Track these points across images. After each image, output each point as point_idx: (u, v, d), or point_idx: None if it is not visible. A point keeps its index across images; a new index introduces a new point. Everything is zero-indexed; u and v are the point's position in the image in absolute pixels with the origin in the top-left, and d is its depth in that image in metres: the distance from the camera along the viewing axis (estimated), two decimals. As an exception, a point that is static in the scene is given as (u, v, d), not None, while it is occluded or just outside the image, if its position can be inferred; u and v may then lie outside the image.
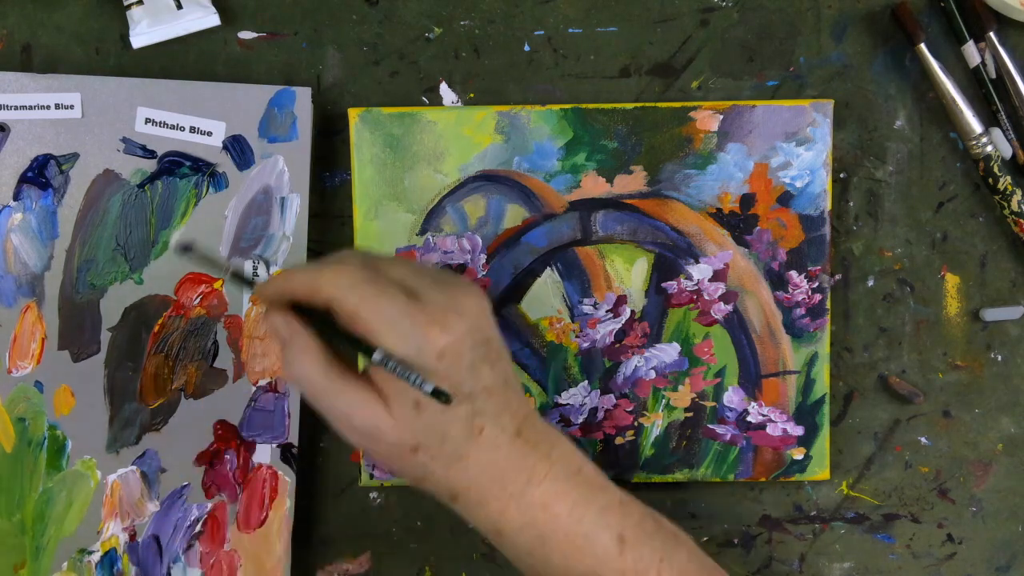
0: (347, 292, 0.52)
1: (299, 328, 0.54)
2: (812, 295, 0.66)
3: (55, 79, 0.64)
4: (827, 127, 0.65)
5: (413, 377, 0.51)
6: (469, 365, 0.53)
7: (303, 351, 0.53)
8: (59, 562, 0.65)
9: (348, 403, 0.53)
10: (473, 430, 0.54)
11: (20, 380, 0.65)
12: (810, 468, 0.67)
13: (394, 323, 0.52)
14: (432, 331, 0.52)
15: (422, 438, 0.53)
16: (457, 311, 0.53)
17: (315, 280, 0.53)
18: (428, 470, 0.55)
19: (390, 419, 0.53)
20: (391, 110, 0.65)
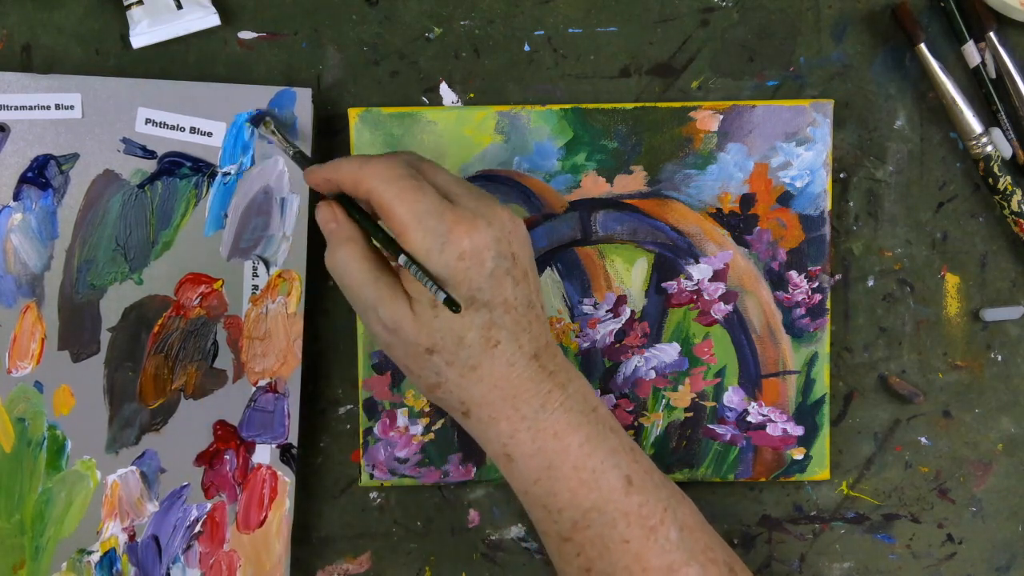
0: (385, 185, 0.54)
1: (344, 219, 0.57)
2: (812, 295, 0.66)
3: (55, 79, 0.64)
4: (827, 127, 0.65)
5: (429, 283, 0.53)
6: (490, 273, 0.54)
7: (346, 239, 0.56)
8: (58, 562, 0.65)
9: (378, 295, 0.55)
10: (489, 341, 0.55)
11: (20, 380, 0.65)
12: (810, 468, 0.67)
13: (422, 219, 0.54)
14: (457, 230, 0.54)
15: (439, 339, 0.55)
16: (487, 219, 0.55)
17: (360, 170, 0.55)
18: (443, 375, 0.56)
19: (411, 315, 0.55)
20: (391, 110, 0.65)
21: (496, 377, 0.56)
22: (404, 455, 0.67)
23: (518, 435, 0.56)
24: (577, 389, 0.57)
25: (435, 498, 0.68)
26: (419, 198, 0.54)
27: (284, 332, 0.65)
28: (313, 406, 0.67)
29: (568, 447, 0.56)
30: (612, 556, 0.56)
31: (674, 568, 0.56)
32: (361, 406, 0.66)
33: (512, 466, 0.57)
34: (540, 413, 0.56)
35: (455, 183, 0.57)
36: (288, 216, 0.65)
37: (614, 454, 0.57)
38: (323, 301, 0.67)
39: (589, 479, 0.56)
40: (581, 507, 0.56)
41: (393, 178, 0.54)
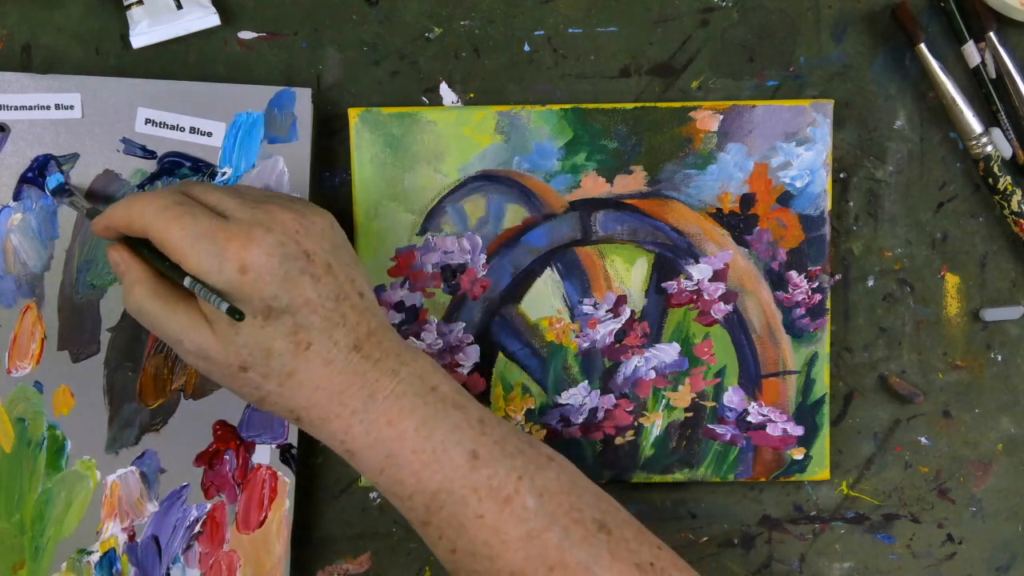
0: (155, 217, 0.55)
1: (130, 260, 0.58)
2: (812, 295, 0.66)
3: (55, 79, 0.64)
4: (827, 127, 0.65)
5: (212, 297, 0.53)
6: (283, 278, 0.54)
7: (135, 281, 0.57)
8: (58, 562, 0.65)
9: (178, 327, 0.56)
10: (299, 345, 0.55)
11: (20, 380, 0.65)
12: (810, 468, 0.67)
13: (196, 242, 0.54)
14: (232, 246, 0.54)
15: (247, 355, 0.55)
16: (264, 226, 0.55)
17: (128, 209, 0.56)
18: (263, 389, 0.56)
19: (214, 339, 0.55)
20: (391, 110, 0.65)
21: (316, 378, 0.55)
22: (404, 455, 0.67)
23: (352, 430, 0.56)
24: (411, 372, 0.57)
25: (435, 498, 0.68)
26: (188, 222, 0.54)
27: (284, 332, 0.65)
28: (313, 406, 0.67)
29: (404, 433, 0.56)
30: (470, 533, 0.56)
31: (533, 535, 0.55)
32: (361, 406, 0.66)
33: (355, 460, 0.57)
34: (369, 404, 0.56)
35: (229, 197, 0.57)
36: (288, 216, 0.65)
37: (455, 431, 0.56)
38: (323, 301, 0.67)
39: (431, 460, 0.55)
40: (428, 490, 0.56)
41: (160, 208, 0.55)
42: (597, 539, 0.56)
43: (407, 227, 0.65)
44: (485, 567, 0.56)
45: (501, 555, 0.55)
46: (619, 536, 0.56)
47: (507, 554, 0.55)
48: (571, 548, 0.55)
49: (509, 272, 0.66)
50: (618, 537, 0.56)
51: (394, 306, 0.66)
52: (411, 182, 0.65)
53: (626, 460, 0.67)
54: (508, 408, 0.66)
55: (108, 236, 0.59)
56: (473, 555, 0.56)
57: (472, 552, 0.56)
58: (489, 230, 0.66)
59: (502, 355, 0.66)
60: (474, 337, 0.66)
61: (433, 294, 0.66)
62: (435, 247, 0.66)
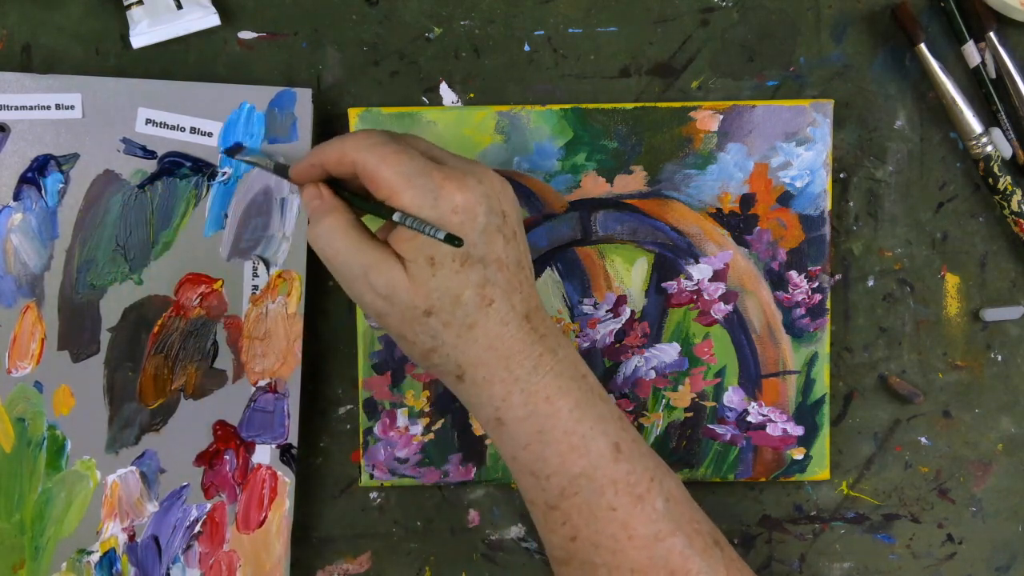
0: (369, 152, 0.55)
1: (329, 194, 0.57)
2: (812, 295, 0.66)
3: (55, 79, 0.64)
4: (827, 127, 0.65)
5: (428, 227, 0.53)
6: (483, 229, 0.55)
7: (328, 212, 0.56)
8: (58, 562, 0.65)
9: (368, 260, 0.55)
10: (484, 299, 0.55)
11: (20, 380, 0.65)
12: (810, 468, 0.67)
13: (412, 178, 0.54)
14: (448, 186, 0.54)
15: (436, 300, 0.55)
16: (476, 176, 0.55)
17: (341, 145, 0.56)
18: (439, 338, 0.55)
19: (406, 278, 0.55)
20: (391, 110, 0.65)
21: (491, 337, 0.55)
22: (404, 455, 0.67)
23: (511, 398, 0.56)
24: (567, 355, 0.57)
25: (435, 498, 0.68)
26: (404, 160, 0.54)
27: (284, 332, 0.65)
28: (313, 406, 0.67)
29: (559, 411, 0.56)
30: (599, 524, 0.56)
31: (660, 537, 0.56)
32: (361, 406, 0.66)
33: (503, 430, 0.57)
34: (532, 375, 0.56)
35: (439, 148, 0.58)
36: (288, 216, 0.65)
37: (603, 421, 0.56)
38: (323, 301, 0.67)
39: (579, 444, 0.56)
40: (570, 473, 0.56)
41: (376, 144, 0.55)
42: (714, 553, 0.57)
43: (407, 227, 0.65)
44: (605, 559, 0.56)
45: (625, 551, 0.56)
46: (730, 554, 0.58)
47: (631, 551, 0.56)
48: (693, 556, 0.56)
49: (509, 272, 0.66)
50: (729, 555, 0.58)
51: (394, 306, 0.66)
52: (411, 182, 0.65)
53: (626, 460, 0.67)
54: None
55: (309, 177, 0.58)
56: (596, 546, 0.56)
57: (595, 543, 0.56)
58: (489, 230, 0.66)
59: (502, 355, 0.66)
60: (474, 337, 0.66)
61: (433, 294, 0.66)
62: (435, 247, 0.66)
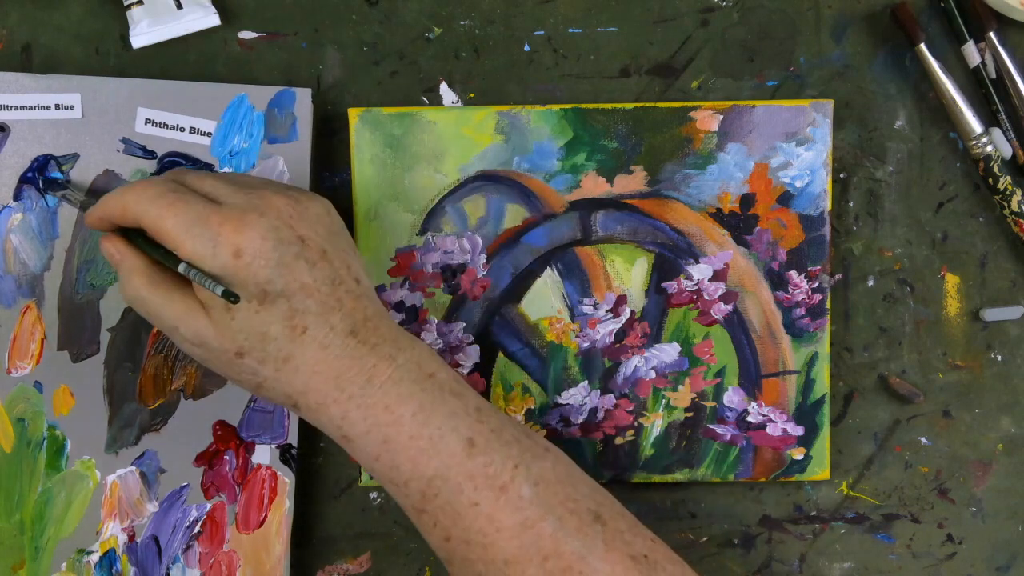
0: (148, 205, 0.55)
1: (125, 250, 0.58)
2: (812, 295, 0.66)
3: (55, 79, 0.64)
4: (827, 127, 0.65)
5: (207, 282, 0.53)
6: (277, 262, 0.54)
7: (131, 271, 0.57)
8: (58, 562, 0.65)
9: (174, 314, 0.56)
10: (295, 329, 0.55)
11: (19, 380, 0.65)
12: (810, 468, 0.67)
13: (189, 227, 0.54)
14: (225, 230, 0.54)
15: (243, 341, 0.55)
16: (258, 211, 0.55)
17: (121, 199, 0.56)
18: (260, 375, 0.56)
19: (210, 325, 0.55)
20: (391, 110, 0.65)
21: (312, 363, 0.55)
22: (404, 455, 0.67)
23: (349, 415, 0.56)
24: (409, 358, 0.57)
25: (435, 498, 0.68)
26: (181, 208, 0.55)
27: (284, 332, 0.65)
28: (313, 406, 0.67)
29: (401, 418, 0.55)
30: (465, 521, 0.56)
31: (528, 524, 0.55)
32: (361, 406, 0.66)
33: (351, 446, 0.57)
34: (367, 389, 0.56)
35: (223, 184, 0.57)
36: (288, 216, 0.65)
37: (452, 417, 0.56)
38: (323, 301, 0.67)
39: (427, 447, 0.55)
40: (424, 476, 0.56)
41: (153, 196, 0.55)
42: (592, 530, 0.56)
43: (407, 227, 0.65)
44: (479, 555, 0.56)
45: (495, 543, 0.55)
46: (614, 528, 0.57)
47: (501, 542, 0.55)
48: (566, 538, 0.55)
49: (509, 272, 0.66)
50: (613, 528, 0.56)
51: (394, 306, 0.66)
52: (411, 182, 0.65)
53: (626, 460, 0.67)
54: (508, 408, 0.66)
55: (103, 227, 0.59)
56: (467, 543, 0.56)
57: (466, 540, 0.56)
58: (489, 230, 0.66)
59: (502, 355, 0.66)
60: (474, 337, 0.66)
61: (433, 294, 0.66)
62: (435, 247, 0.66)
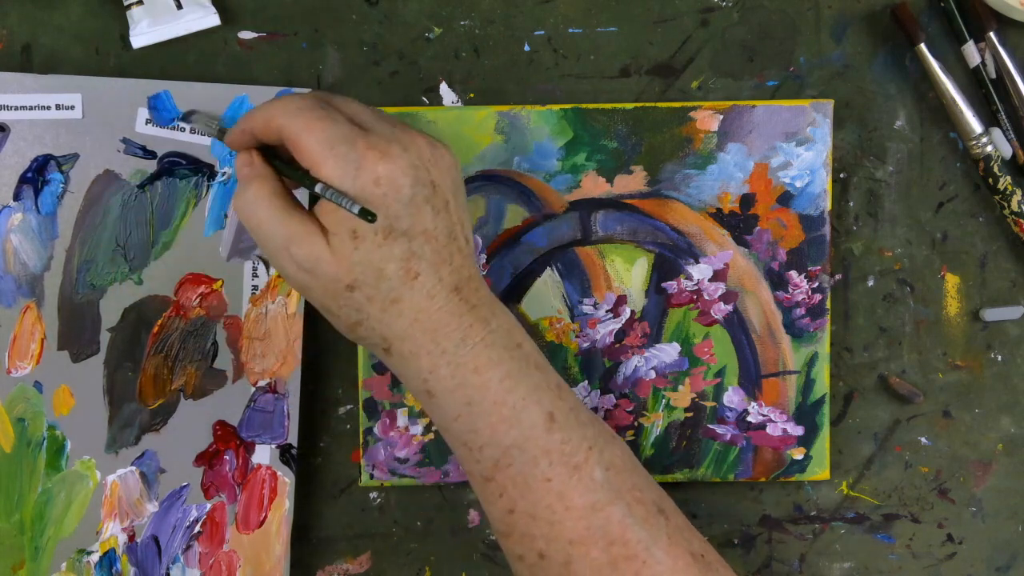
0: (292, 118, 0.53)
1: (257, 162, 0.56)
2: (812, 295, 0.66)
3: (55, 79, 0.64)
4: (827, 127, 0.65)
5: (345, 200, 0.52)
6: (408, 200, 0.53)
7: (254, 179, 0.55)
8: (58, 562, 0.65)
9: (290, 231, 0.54)
10: (409, 272, 0.54)
11: (19, 380, 0.65)
12: (810, 468, 0.67)
13: (333, 146, 0.53)
14: (371, 155, 0.53)
15: (358, 274, 0.54)
16: (402, 145, 0.54)
17: (268, 110, 0.55)
18: (363, 312, 0.55)
19: (328, 251, 0.54)
20: (391, 110, 0.65)
21: (417, 310, 0.54)
22: (404, 455, 0.67)
23: (438, 370, 0.55)
24: (501, 324, 0.56)
25: (435, 498, 0.68)
26: (327, 126, 0.53)
27: (284, 332, 0.65)
28: (313, 406, 0.67)
29: (488, 382, 0.55)
30: (534, 495, 0.55)
31: (598, 507, 0.55)
32: (361, 406, 0.66)
33: (433, 402, 0.56)
34: (460, 347, 0.55)
35: (369, 112, 0.56)
36: (288, 216, 0.65)
37: (536, 390, 0.56)
38: (323, 301, 0.67)
39: (509, 415, 0.55)
40: (502, 444, 0.55)
41: (300, 109, 0.54)
42: (657, 521, 0.56)
43: (407, 227, 0.65)
44: (543, 531, 0.55)
45: (562, 522, 0.55)
46: (675, 523, 0.57)
47: (568, 522, 0.55)
48: (633, 526, 0.55)
49: (509, 272, 0.66)
50: (674, 523, 0.57)
51: (394, 306, 0.66)
52: (411, 182, 0.65)
53: (626, 460, 0.67)
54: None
55: (242, 143, 0.57)
56: (533, 517, 0.55)
57: (532, 515, 0.55)
58: (489, 230, 0.66)
59: (502, 355, 0.66)
60: (474, 337, 0.66)
61: (433, 294, 0.66)
62: (435, 247, 0.66)
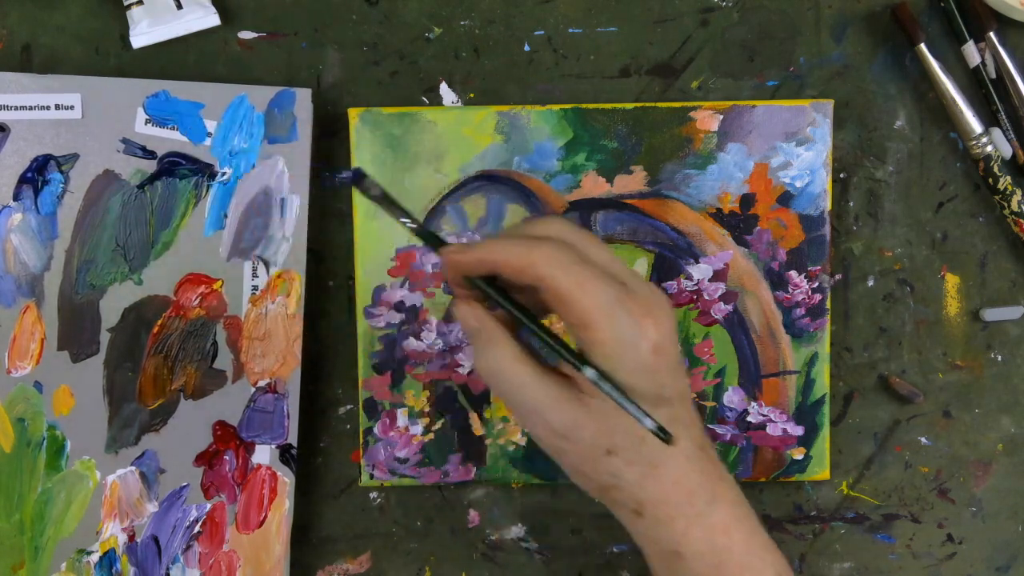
0: (562, 272, 0.49)
1: (487, 317, 0.52)
2: (812, 295, 0.66)
3: (55, 79, 0.64)
4: (827, 127, 0.65)
5: (633, 408, 0.48)
6: (673, 365, 0.51)
7: (495, 343, 0.51)
8: (58, 562, 0.65)
9: (545, 398, 0.50)
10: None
11: (19, 380, 0.65)
12: (810, 468, 0.67)
13: (610, 311, 0.49)
14: (646, 323, 0.49)
15: (619, 439, 0.50)
16: (660, 304, 0.51)
17: (527, 256, 0.49)
18: (620, 477, 0.51)
19: (587, 416, 0.50)
20: (391, 110, 0.65)
21: (676, 475, 0.51)
22: (404, 455, 0.67)
23: (691, 532, 0.52)
24: (730, 476, 0.54)
25: (435, 498, 0.68)
26: (601, 288, 0.49)
27: (284, 332, 0.65)
28: (313, 406, 0.67)
29: (733, 544, 0.52)
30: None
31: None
32: (361, 406, 0.66)
33: (680, 564, 0.52)
34: (711, 507, 0.52)
35: (616, 262, 0.52)
36: (288, 217, 0.65)
37: (766, 550, 0.53)
38: (323, 301, 0.67)
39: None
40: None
41: (567, 263, 0.49)
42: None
43: (407, 227, 0.65)
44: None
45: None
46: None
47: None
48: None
49: (509, 272, 0.66)
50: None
51: (394, 306, 0.66)
52: (411, 182, 0.65)
53: (626, 460, 0.67)
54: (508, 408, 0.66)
55: (469, 270, 0.52)
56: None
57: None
58: (489, 230, 0.66)
59: (502, 355, 0.66)
60: (474, 337, 0.66)
61: (433, 294, 0.66)
62: (435, 247, 0.66)
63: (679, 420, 0.51)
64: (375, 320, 0.66)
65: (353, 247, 0.66)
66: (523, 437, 0.67)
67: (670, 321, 0.50)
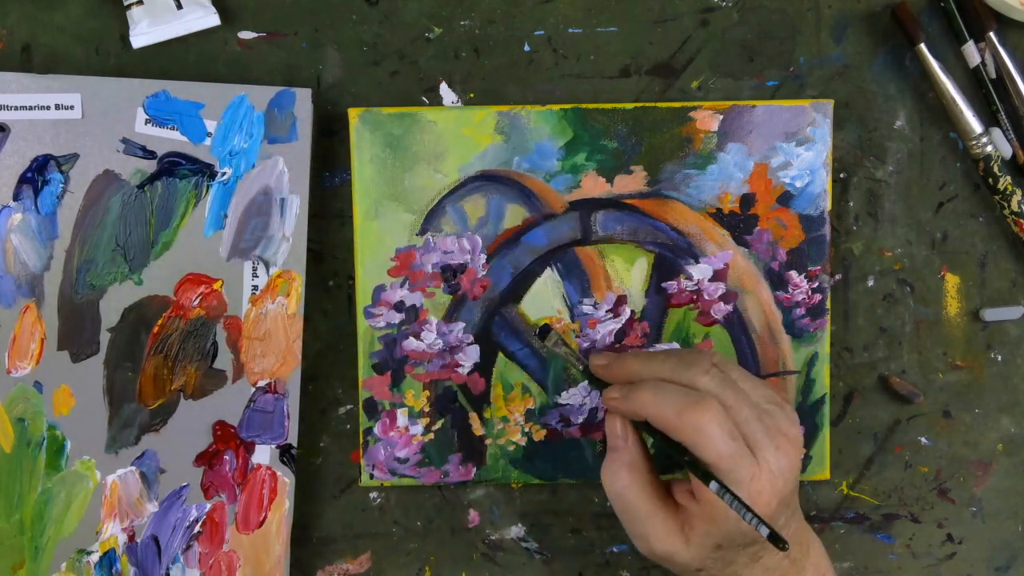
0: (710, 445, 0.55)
1: (634, 442, 0.59)
2: (812, 295, 0.66)
3: (55, 79, 0.64)
4: (827, 127, 0.65)
5: (749, 516, 0.53)
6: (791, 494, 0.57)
7: (630, 465, 0.59)
8: (58, 562, 0.65)
9: (654, 530, 0.57)
10: (755, 557, 0.57)
11: (19, 380, 0.65)
12: (810, 468, 0.67)
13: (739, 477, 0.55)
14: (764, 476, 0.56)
15: (709, 563, 0.57)
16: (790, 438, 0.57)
17: (677, 419, 0.56)
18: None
19: (685, 548, 0.57)
20: (391, 110, 0.65)
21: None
22: (404, 455, 0.67)
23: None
24: (810, 563, 0.59)
25: (435, 498, 0.68)
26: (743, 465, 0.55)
27: (284, 332, 0.65)
28: (313, 406, 0.67)
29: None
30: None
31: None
32: (361, 406, 0.66)
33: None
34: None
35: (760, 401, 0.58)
36: (288, 217, 0.65)
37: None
38: (323, 301, 0.67)
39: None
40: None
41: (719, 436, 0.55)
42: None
43: (407, 227, 0.65)
44: None
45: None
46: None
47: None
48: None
49: (509, 272, 0.66)
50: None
51: (394, 306, 0.66)
52: (411, 182, 0.65)
53: (626, 460, 0.67)
54: (508, 408, 0.66)
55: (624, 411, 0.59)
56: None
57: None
58: (489, 230, 0.66)
59: (502, 355, 0.66)
60: (474, 337, 0.66)
61: (433, 294, 0.66)
62: (435, 247, 0.66)
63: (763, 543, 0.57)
64: (375, 320, 0.66)
65: (353, 247, 0.66)
66: (523, 437, 0.67)
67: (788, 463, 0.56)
